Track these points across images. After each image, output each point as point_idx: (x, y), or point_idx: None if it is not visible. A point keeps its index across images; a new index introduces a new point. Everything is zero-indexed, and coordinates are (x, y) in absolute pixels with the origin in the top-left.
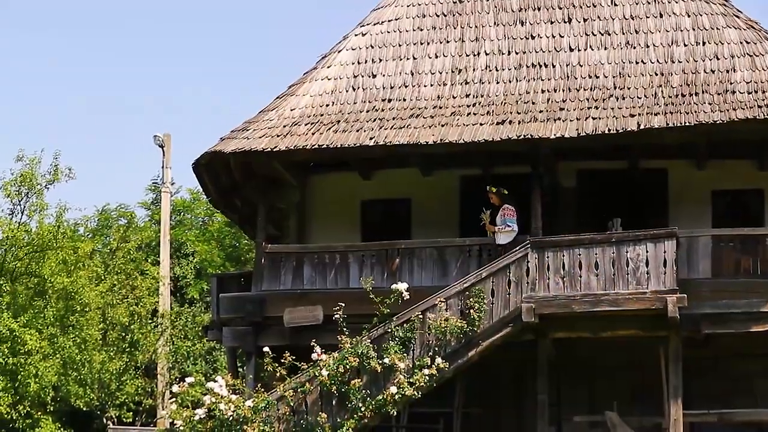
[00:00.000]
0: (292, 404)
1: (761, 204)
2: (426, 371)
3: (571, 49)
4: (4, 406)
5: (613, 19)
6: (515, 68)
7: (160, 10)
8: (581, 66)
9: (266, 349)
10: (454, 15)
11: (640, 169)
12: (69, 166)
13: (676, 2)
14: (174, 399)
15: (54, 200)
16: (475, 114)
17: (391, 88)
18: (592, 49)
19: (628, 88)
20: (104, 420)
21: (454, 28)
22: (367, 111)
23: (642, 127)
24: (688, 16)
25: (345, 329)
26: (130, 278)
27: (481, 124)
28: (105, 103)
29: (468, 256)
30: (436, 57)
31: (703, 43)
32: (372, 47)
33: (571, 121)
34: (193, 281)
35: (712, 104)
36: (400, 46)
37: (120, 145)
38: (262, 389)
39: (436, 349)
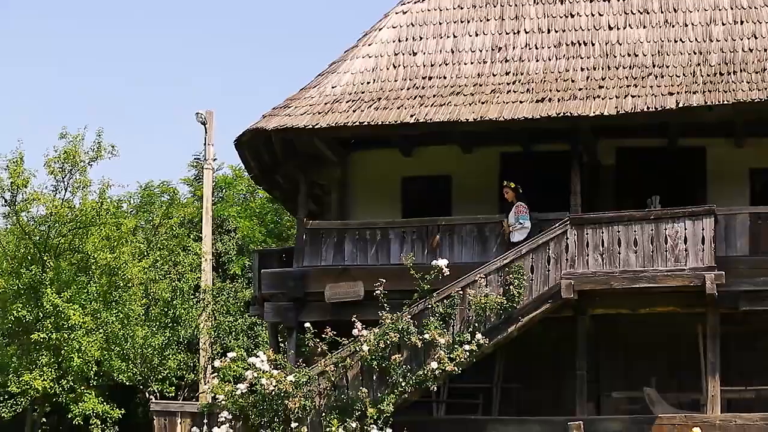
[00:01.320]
0: (333, 379)
1: None
2: (466, 347)
3: (610, 28)
4: (48, 381)
5: None
6: (555, 46)
7: None
8: (620, 44)
9: (307, 324)
10: None
11: (678, 147)
12: (112, 143)
13: None
14: (216, 374)
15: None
16: (514, 92)
17: (432, 65)
18: (631, 28)
19: (667, 67)
20: (146, 394)
21: (494, 6)
22: (408, 88)
23: (681, 105)
24: None
25: (385, 305)
26: (173, 254)
27: (520, 102)
28: (148, 80)
29: None
30: (476, 35)
31: (742, 22)
32: (412, 25)
33: (610, 99)
34: (235, 257)
35: (750, 83)
36: (440, 24)
37: (163, 121)
38: (304, 364)
39: (476, 324)
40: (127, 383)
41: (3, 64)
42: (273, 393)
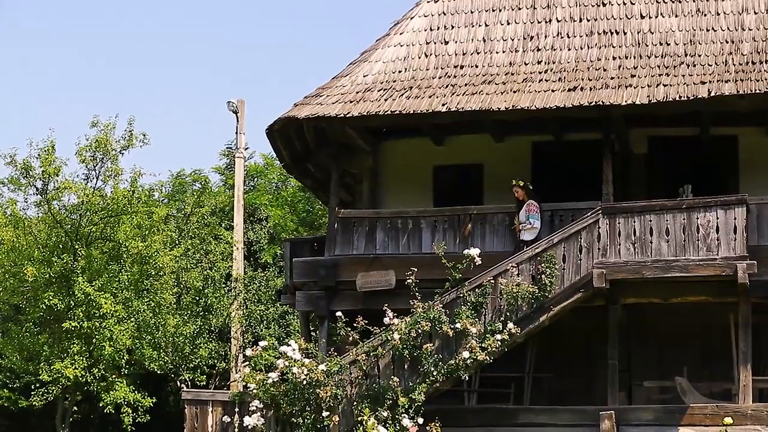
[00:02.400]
0: (364, 368)
1: None
2: (498, 336)
3: (642, 17)
4: (79, 370)
5: None
6: (587, 35)
7: None
8: (652, 33)
9: (339, 313)
10: None
11: (710, 136)
12: (143, 132)
13: None
14: (247, 362)
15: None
16: (546, 80)
17: (464, 54)
18: (663, 17)
19: (699, 56)
20: (178, 383)
21: None
22: (440, 77)
23: (713, 94)
24: None
25: (417, 294)
26: (204, 243)
27: (552, 91)
28: (180, 70)
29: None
30: (508, 24)
31: None
32: (444, 14)
33: (642, 87)
34: (267, 246)
35: None
36: (472, 12)
37: (194, 110)
38: (335, 353)
39: (508, 314)
40: (159, 372)
41: (34, 51)
42: (304, 382)
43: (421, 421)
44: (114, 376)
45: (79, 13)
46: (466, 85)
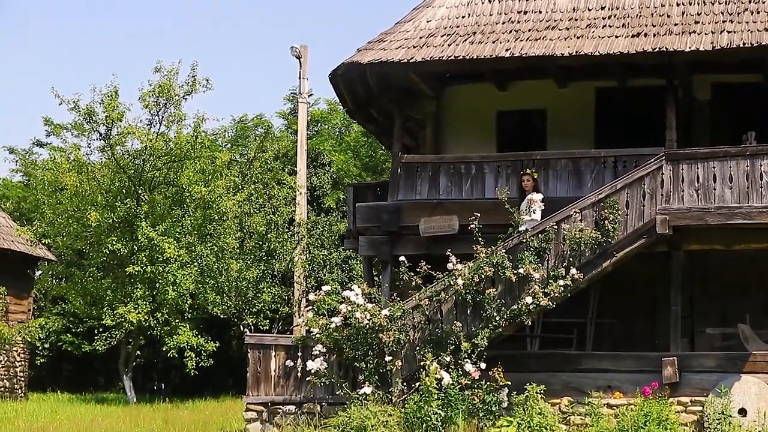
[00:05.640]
0: (427, 313)
1: None
2: (560, 281)
3: None
4: (143, 314)
5: None
6: None
7: None
8: None
9: (402, 258)
10: None
11: None
12: (206, 77)
13: None
14: (310, 307)
15: (191, 111)
16: (610, 26)
17: None
18: None
19: (763, 2)
20: (241, 327)
21: None
22: (503, 23)
23: None
24: None
25: (480, 239)
26: (267, 188)
27: (616, 37)
28: (244, 14)
29: (603, 167)
30: None
31: None
32: None
33: (705, 34)
34: (330, 191)
35: None
36: None
37: (257, 56)
38: (398, 298)
39: (571, 259)
40: (222, 316)
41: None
42: (367, 326)
43: (483, 366)
44: (177, 321)
45: None
46: (529, 30)
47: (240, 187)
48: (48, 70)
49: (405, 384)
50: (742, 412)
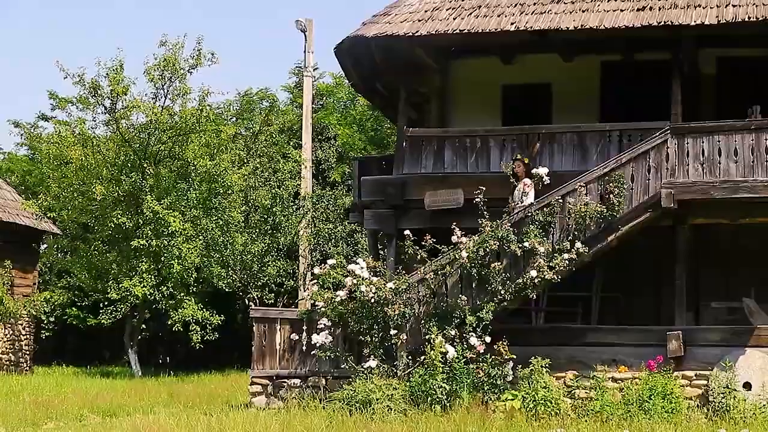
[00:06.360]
0: (432, 287)
1: None
2: (565, 255)
3: None
4: (148, 288)
5: None
6: None
7: None
8: None
9: (407, 231)
10: None
11: None
12: (212, 51)
13: None
14: (315, 281)
15: (196, 85)
16: (615, 0)
17: None
18: None
19: None
20: (246, 301)
21: None
22: None
23: None
24: None
25: (485, 212)
26: (273, 161)
27: (621, 11)
28: None
29: (608, 141)
30: None
31: None
32: None
33: (711, 8)
34: (335, 164)
35: None
36: None
37: (263, 29)
38: (403, 271)
39: (576, 233)
40: (227, 290)
41: None
42: (372, 300)
43: (488, 339)
44: (182, 294)
45: None
46: (534, 3)
47: (245, 160)
48: (53, 42)
49: (410, 358)
50: (747, 386)
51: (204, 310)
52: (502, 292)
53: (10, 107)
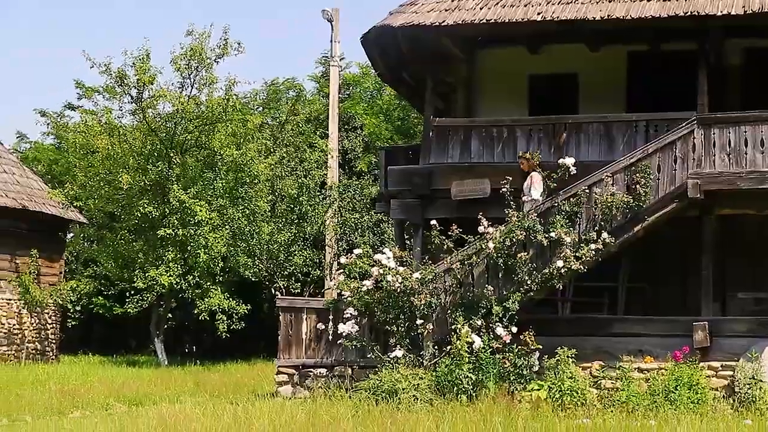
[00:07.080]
0: (458, 276)
1: None
2: (592, 245)
3: None
4: (174, 277)
5: None
6: None
7: None
8: None
9: (433, 221)
10: None
11: None
12: (238, 41)
13: None
14: (342, 270)
15: (223, 74)
16: None
17: None
18: None
19: None
20: (272, 290)
21: None
22: None
23: None
24: None
25: (512, 202)
26: (299, 151)
27: (648, 0)
28: None
29: (635, 131)
30: None
31: None
32: None
33: None
34: (362, 154)
35: None
36: None
37: (290, 19)
38: (429, 261)
39: (602, 223)
40: (253, 279)
41: None
42: (399, 290)
43: (515, 329)
44: (209, 284)
45: None
46: None
47: (272, 150)
48: (80, 32)
49: (436, 347)
50: None
51: (230, 299)
52: (529, 282)
53: (37, 96)
